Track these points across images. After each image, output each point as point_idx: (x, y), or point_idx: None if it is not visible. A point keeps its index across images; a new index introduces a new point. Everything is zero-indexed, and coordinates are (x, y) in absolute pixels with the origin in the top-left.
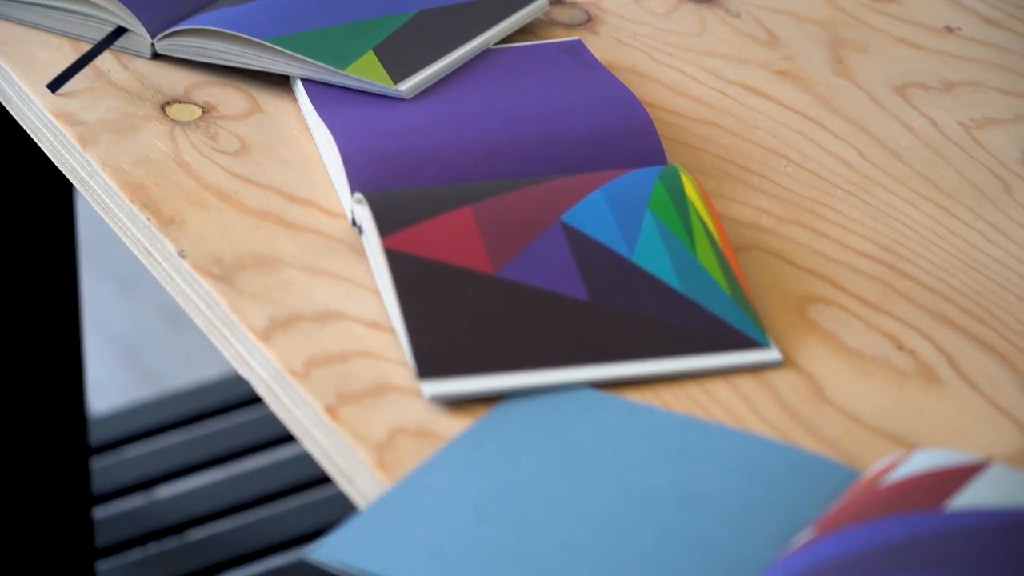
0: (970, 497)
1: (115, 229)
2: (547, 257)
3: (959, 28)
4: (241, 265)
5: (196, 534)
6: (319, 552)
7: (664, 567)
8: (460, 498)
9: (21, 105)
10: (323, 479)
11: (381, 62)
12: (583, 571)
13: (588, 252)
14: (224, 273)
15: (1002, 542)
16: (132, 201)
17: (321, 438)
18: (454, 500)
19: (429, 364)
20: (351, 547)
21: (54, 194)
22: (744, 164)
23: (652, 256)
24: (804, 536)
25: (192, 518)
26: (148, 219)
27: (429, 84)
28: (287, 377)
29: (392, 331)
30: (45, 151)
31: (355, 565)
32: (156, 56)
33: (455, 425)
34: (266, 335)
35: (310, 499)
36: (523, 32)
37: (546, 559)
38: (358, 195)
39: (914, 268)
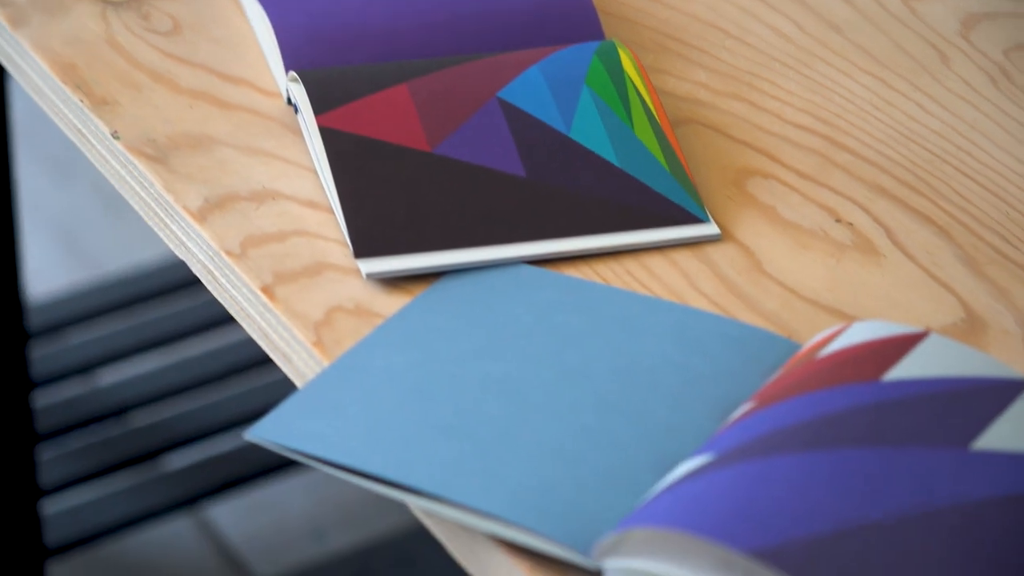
0: (908, 368)
1: (48, 111)
2: (484, 133)
3: None
4: (175, 145)
5: (137, 419)
6: (256, 433)
7: (602, 441)
8: (397, 375)
9: None
10: (266, 361)
11: None
12: (521, 446)
13: (525, 128)
14: (158, 154)
15: (938, 411)
16: (64, 82)
17: (258, 318)
18: (391, 378)
19: (366, 242)
20: (287, 427)
21: None
22: (682, 38)
23: (589, 131)
24: (743, 409)
25: (133, 403)
26: (80, 100)
27: None
28: (223, 257)
29: (329, 210)
30: None
31: (292, 445)
32: None
33: (392, 303)
34: (201, 215)
35: (253, 382)
36: None
37: (484, 435)
38: (293, 73)
39: (852, 140)
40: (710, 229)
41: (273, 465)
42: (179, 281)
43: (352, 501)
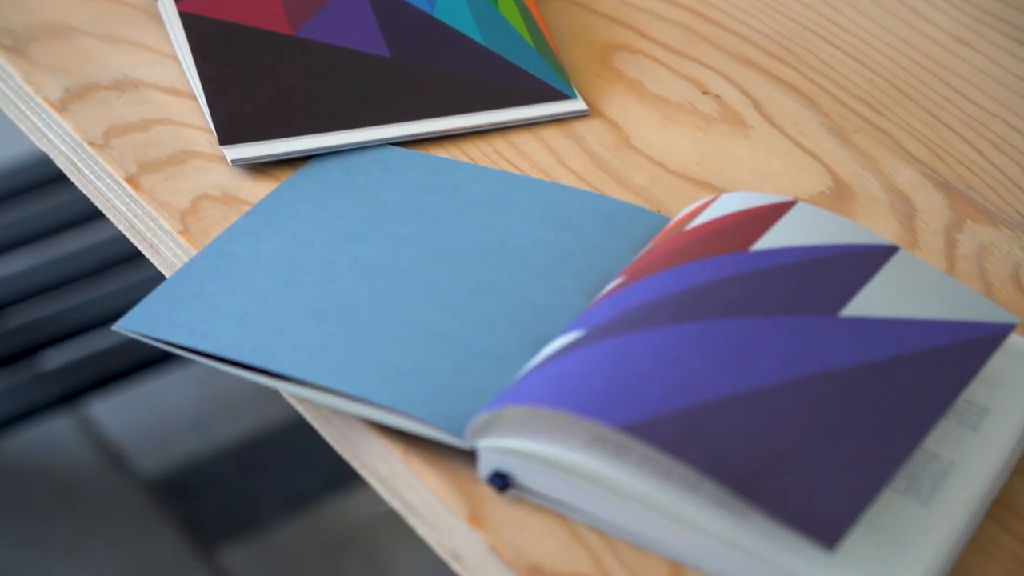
0: (775, 237)
1: None
2: (347, 15)
3: None
4: (34, 35)
5: (12, 318)
6: (124, 325)
7: (473, 321)
8: (265, 262)
9: None
10: (141, 254)
11: None
12: (392, 329)
13: (388, 8)
14: (16, 44)
15: (807, 279)
16: None
17: (124, 209)
18: (259, 265)
19: (230, 129)
20: (155, 318)
21: None
22: None
23: (454, 11)
24: (613, 284)
25: (6, 301)
26: None
27: None
28: (86, 148)
29: (192, 97)
30: None
31: (160, 336)
32: None
33: (259, 189)
34: (62, 106)
35: (129, 277)
36: None
37: (354, 319)
38: None
39: (717, 12)
40: (577, 105)
41: (152, 359)
42: (47, 176)
43: (234, 393)
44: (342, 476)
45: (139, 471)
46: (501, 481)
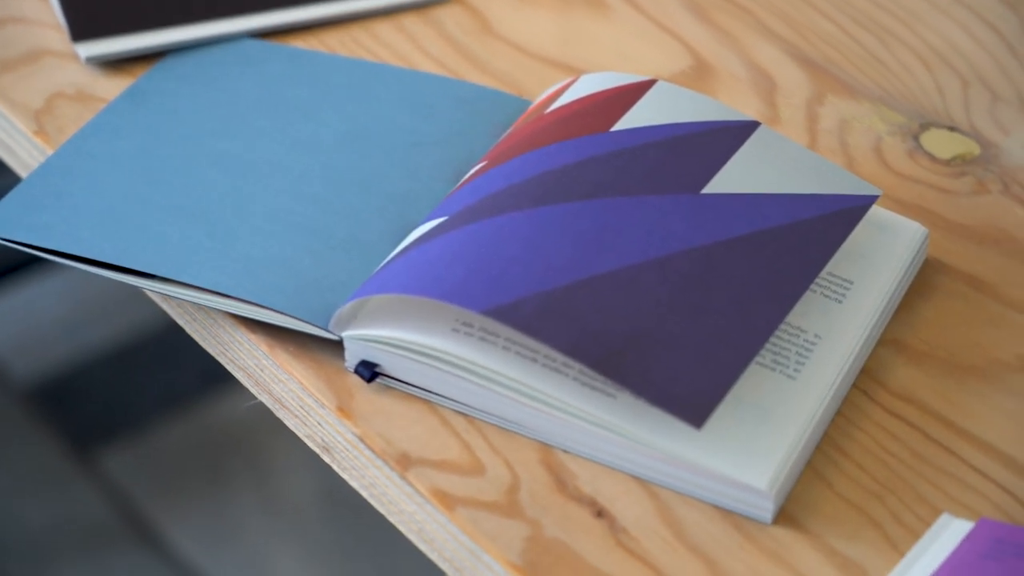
0: (636, 117)
1: None
2: None
3: None
4: None
5: None
6: None
7: (336, 212)
8: (123, 160)
9: None
10: None
11: None
12: (254, 222)
13: None
14: None
15: (669, 158)
16: None
17: None
18: (117, 163)
19: (82, 25)
20: (13, 221)
21: None
22: None
23: None
24: (475, 169)
25: None
26: None
27: None
28: None
29: None
30: None
31: (18, 238)
32: None
33: (115, 86)
34: None
35: None
36: None
37: (215, 214)
38: None
39: None
40: None
41: (18, 264)
42: None
43: (105, 295)
44: (219, 374)
45: (13, 380)
46: (368, 371)
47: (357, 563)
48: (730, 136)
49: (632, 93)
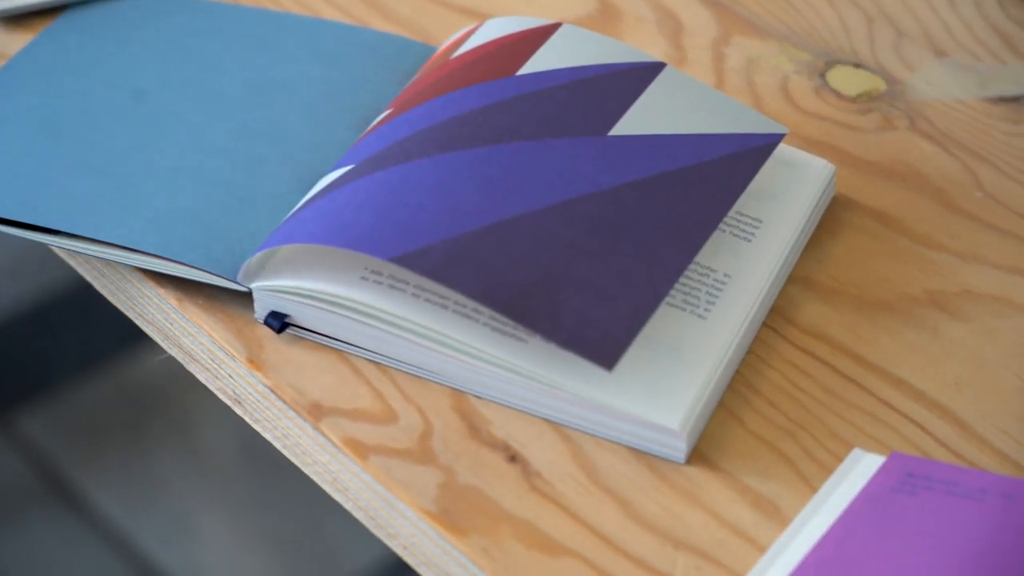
0: (542, 60)
1: None
2: None
3: None
4: None
5: None
6: None
7: (242, 163)
8: (26, 116)
9: None
10: None
11: None
12: (160, 176)
13: None
14: None
15: (575, 101)
16: None
17: None
18: (20, 119)
19: None
20: None
21: None
22: None
23: None
24: (382, 116)
25: None
26: None
27: None
28: None
29: None
30: None
31: None
32: None
33: (15, 42)
34: None
35: None
36: None
37: (120, 168)
38: None
39: None
40: None
41: None
42: None
43: (17, 254)
44: (135, 331)
45: None
46: (277, 322)
47: (281, 517)
48: (636, 78)
49: (537, 37)
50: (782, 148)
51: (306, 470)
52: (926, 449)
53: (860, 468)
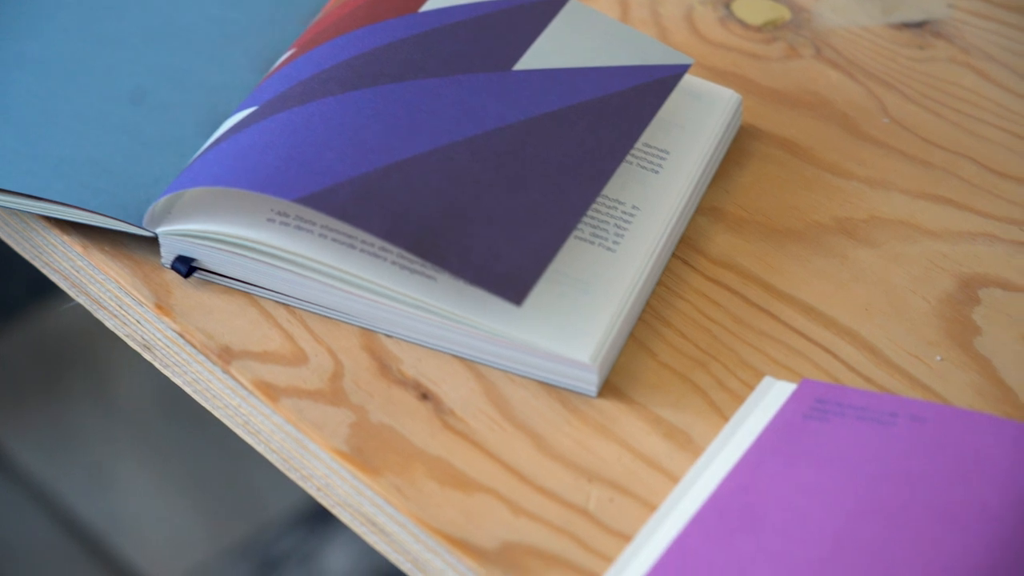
0: None
1: None
2: None
3: None
4: None
5: None
6: None
7: (146, 107)
8: None
9: None
10: None
11: None
12: (63, 121)
13: None
14: None
15: (479, 36)
16: None
17: None
18: None
19: None
20: None
21: None
22: None
23: None
24: (285, 56)
25: None
26: None
27: None
28: None
29: None
30: None
31: None
32: None
33: None
34: None
35: None
36: None
37: (22, 116)
38: None
39: None
40: None
41: None
42: None
43: None
44: (44, 281)
45: None
46: (184, 266)
47: (200, 464)
48: (540, 12)
49: None
50: (688, 79)
51: (217, 414)
52: (837, 375)
53: (771, 396)
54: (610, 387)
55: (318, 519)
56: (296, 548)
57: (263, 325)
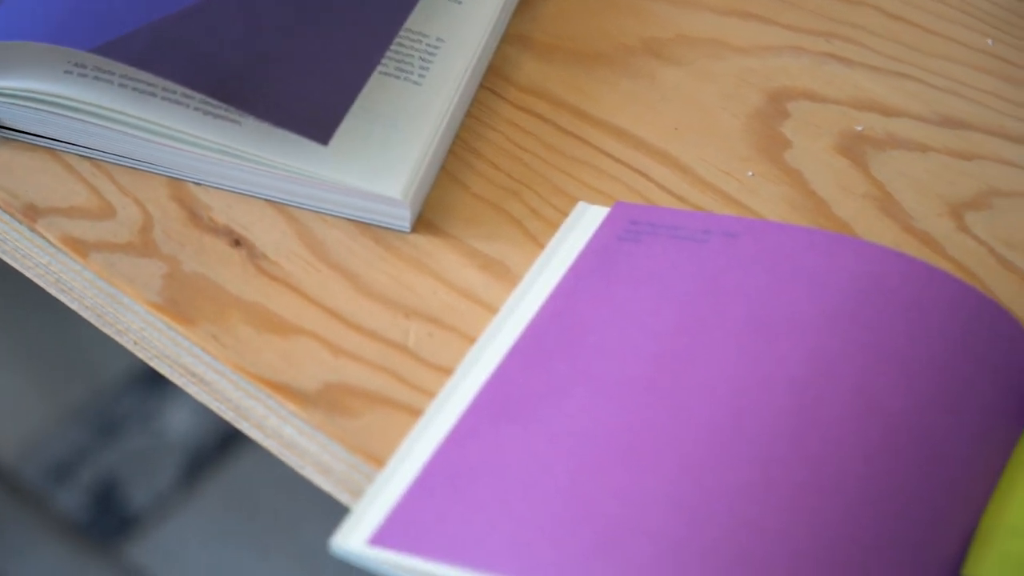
0: None
1: None
2: None
3: None
4: None
5: None
6: None
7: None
8: None
9: None
10: None
11: None
12: None
13: None
14: None
15: None
16: None
17: None
18: None
19: None
20: None
21: None
22: None
23: None
24: None
25: None
26: None
27: None
28: None
29: None
30: None
31: None
32: None
33: None
34: None
35: None
36: None
37: None
38: None
39: None
40: None
41: None
42: None
43: None
44: None
45: None
46: None
47: (31, 330)
48: None
49: None
50: None
51: (28, 274)
52: (650, 197)
53: (585, 221)
54: (424, 222)
55: (156, 378)
56: (136, 408)
57: (68, 180)
